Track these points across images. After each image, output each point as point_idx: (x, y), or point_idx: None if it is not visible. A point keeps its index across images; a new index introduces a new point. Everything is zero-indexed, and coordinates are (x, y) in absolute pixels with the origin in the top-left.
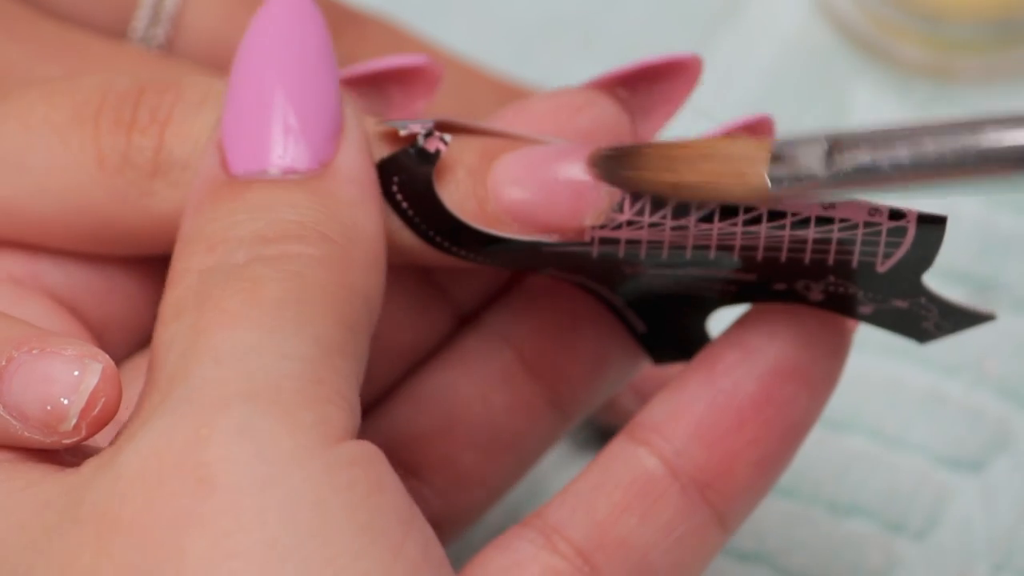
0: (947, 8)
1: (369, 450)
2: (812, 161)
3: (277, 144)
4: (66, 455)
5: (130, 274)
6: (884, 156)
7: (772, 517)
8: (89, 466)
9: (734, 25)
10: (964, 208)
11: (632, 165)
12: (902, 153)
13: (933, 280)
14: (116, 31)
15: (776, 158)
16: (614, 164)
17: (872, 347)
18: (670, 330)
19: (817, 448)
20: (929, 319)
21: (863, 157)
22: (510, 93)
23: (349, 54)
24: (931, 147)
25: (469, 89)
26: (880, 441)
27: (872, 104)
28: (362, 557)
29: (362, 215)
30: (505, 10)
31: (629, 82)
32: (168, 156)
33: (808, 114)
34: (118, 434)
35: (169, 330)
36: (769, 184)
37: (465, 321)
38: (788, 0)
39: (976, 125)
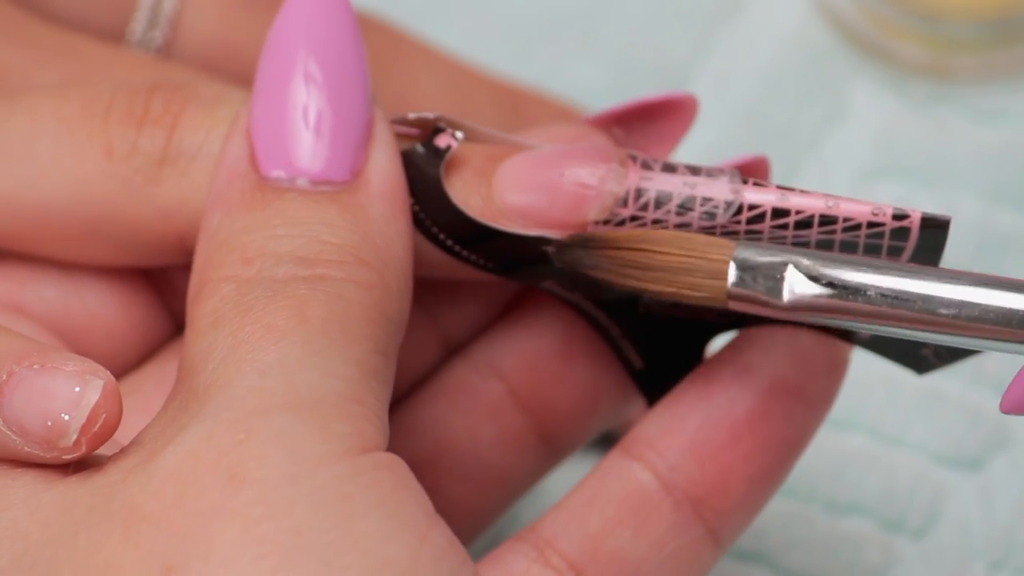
0: (945, 7)
1: (395, 459)
2: (770, 287)
3: (308, 147)
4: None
5: (110, 308)
6: (840, 294)
7: (770, 516)
8: (119, 467)
9: (733, 24)
10: (962, 207)
11: (594, 266)
12: (859, 299)
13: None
14: (114, 34)
15: (737, 279)
16: (576, 255)
17: None
18: (667, 364)
19: (815, 447)
20: (928, 347)
21: (820, 292)
22: (508, 93)
23: None
24: (893, 292)
25: (467, 89)
26: (878, 440)
27: (870, 103)
28: (389, 541)
29: (394, 233)
30: (503, 10)
31: (625, 121)
32: (179, 145)
33: (806, 113)
34: (137, 438)
35: (206, 338)
36: (727, 297)
37: (454, 352)
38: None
39: (953, 276)
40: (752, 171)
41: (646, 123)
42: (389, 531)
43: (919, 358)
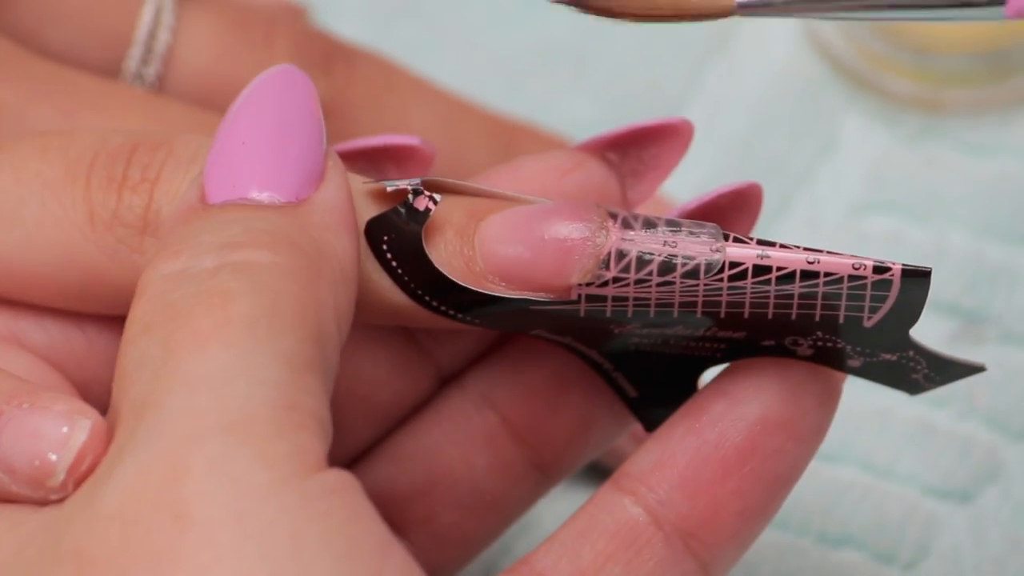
0: (936, 41)
1: (344, 479)
2: None
3: (255, 178)
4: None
5: (110, 337)
6: None
7: (763, 548)
8: (72, 502)
9: (724, 58)
10: (952, 240)
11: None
12: None
13: (922, 313)
14: (108, 69)
15: None
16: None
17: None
18: (661, 393)
19: (807, 479)
20: (918, 371)
21: None
22: (500, 127)
23: (340, 88)
24: None
25: (459, 123)
26: (869, 472)
27: (862, 136)
28: None
29: (334, 238)
30: (495, 44)
31: (619, 145)
32: (157, 214)
33: (798, 146)
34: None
35: (138, 346)
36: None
37: (448, 381)
38: (778, 33)
39: None
40: (745, 197)
41: (641, 148)
42: (340, 573)
43: (910, 382)
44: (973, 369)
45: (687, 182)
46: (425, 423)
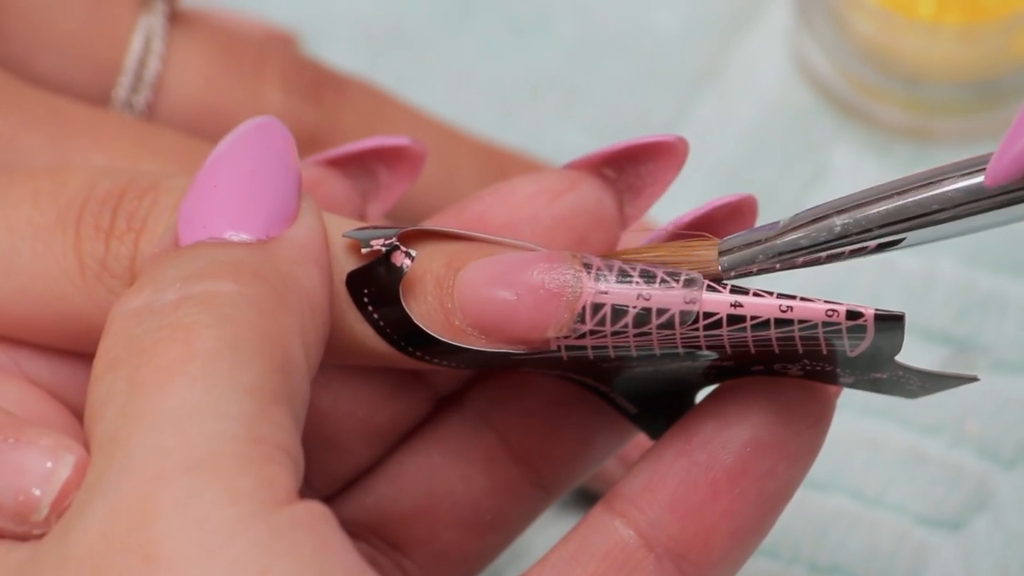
0: (926, 70)
1: (314, 510)
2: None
3: (226, 222)
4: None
5: None
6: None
7: None
8: (44, 542)
9: (714, 87)
10: (942, 268)
11: None
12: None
13: (912, 341)
14: (98, 97)
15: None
16: None
17: (852, 407)
18: (662, 409)
19: (797, 507)
20: (912, 383)
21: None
22: (492, 156)
23: (332, 117)
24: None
25: (451, 152)
26: (860, 500)
27: (852, 165)
28: None
29: (301, 271)
30: (486, 73)
31: (615, 162)
32: (142, 263)
33: (788, 175)
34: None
35: (104, 383)
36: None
37: (446, 401)
38: (768, 62)
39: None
40: (740, 210)
41: (638, 163)
42: None
43: (906, 391)
44: (965, 379)
45: (677, 210)
46: (425, 443)
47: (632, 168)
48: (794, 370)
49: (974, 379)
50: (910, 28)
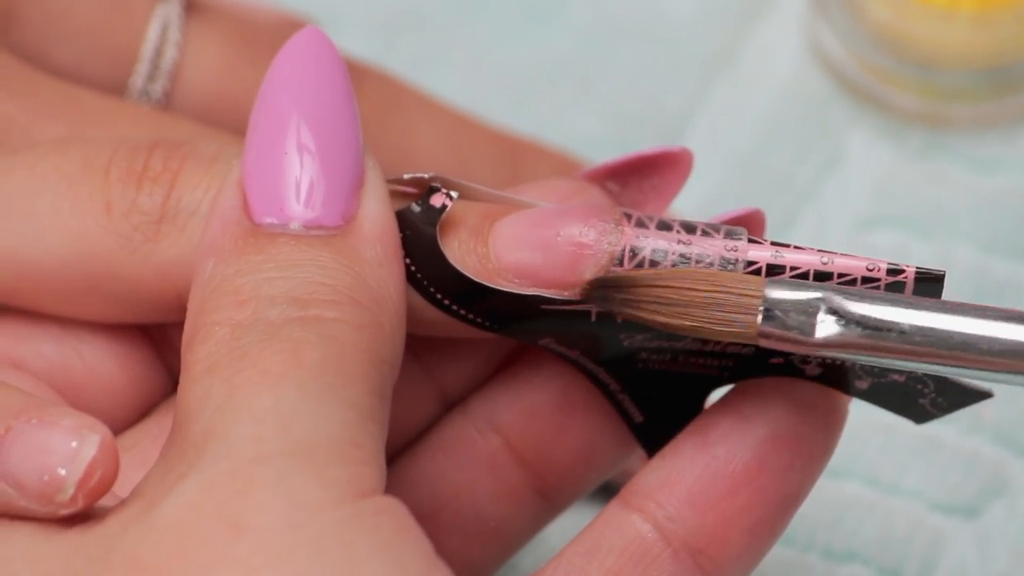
0: (941, 56)
1: (395, 503)
2: (802, 324)
3: (301, 194)
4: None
5: (108, 364)
6: (872, 333)
7: (768, 565)
8: (119, 518)
9: (729, 74)
10: (957, 255)
11: (623, 303)
12: (891, 336)
13: None
14: (115, 86)
15: (767, 314)
16: (606, 294)
17: None
18: (667, 417)
19: (813, 494)
20: (926, 396)
21: (852, 330)
22: (506, 144)
23: None
24: (925, 333)
25: (465, 140)
26: (875, 487)
27: (866, 151)
28: None
29: (386, 275)
30: (500, 60)
31: (620, 175)
32: (177, 203)
33: (803, 162)
34: (136, 488)
35: (202, 384)
36: (758, 335)
37: (452, 406)
38: (782, 49)
39: (979, 312)
40: (747, 224)
41: (642, 177)
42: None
43: (917, 408)
44: (980, 395)
45: (692, 198)
46: (429, 448)
47: (636, 183)
48: (812, 366)
49: (988, 395)
50: (925, 14)
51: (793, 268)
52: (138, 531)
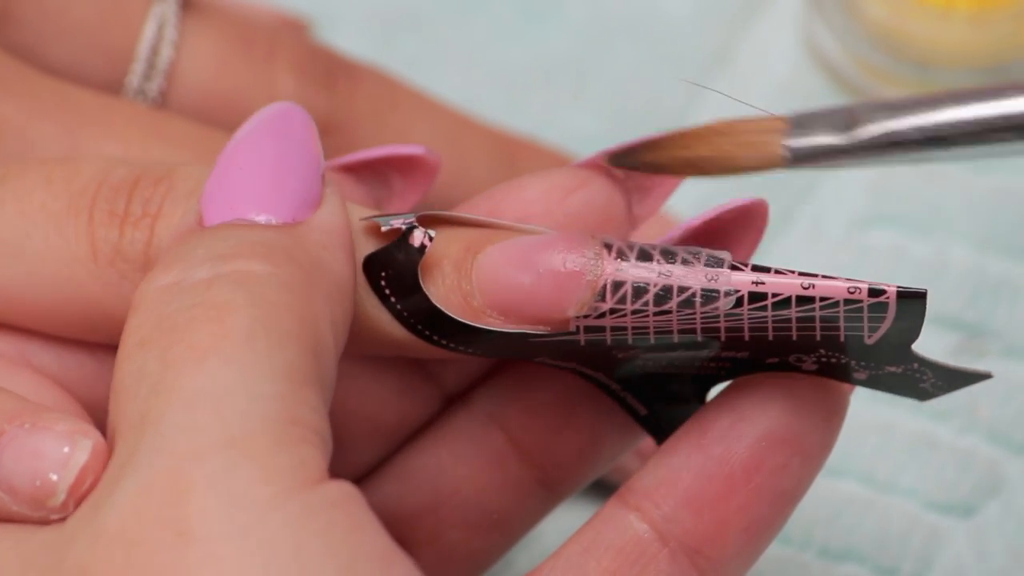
0: (937, 55)
1: (346, 490)
2: (829, 131)
3: (253, 204)
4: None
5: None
6: (902, 124)
7: (765, 563)
8: (73, 520)
9: (725, 72)
10: (954, 254)
11: (648, 149)
12: (920, 121)
13: (924, 327)
14: (111, 85)
15: (794, 129)
16: (631, 155)
17: (863, 391)
18: (670, 409)
19: (809, 493)
20: (925, 381)
21: (880, 127)
22: (503, 142)
23: (344, 105)
24: (949, 114)
25: (462, 139)
26: (871, 485)
27: None
28: None
29: (330, 256)
30: (497, 60)
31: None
32: (158, 248)
33: None
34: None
35: (134, 361)
36: (786, 154)
37: (454, 400)
38: (779, 47)
39: (996, 92)
40: (750, 214)
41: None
42: None
43: (919, 390)
44: (980, 376)
45: (689, 195)
46: (432, 442)
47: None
48: (808, 363)
49: (987, 376)
50: (921, 13)
51: (775, 295)
52: (85, 539)
